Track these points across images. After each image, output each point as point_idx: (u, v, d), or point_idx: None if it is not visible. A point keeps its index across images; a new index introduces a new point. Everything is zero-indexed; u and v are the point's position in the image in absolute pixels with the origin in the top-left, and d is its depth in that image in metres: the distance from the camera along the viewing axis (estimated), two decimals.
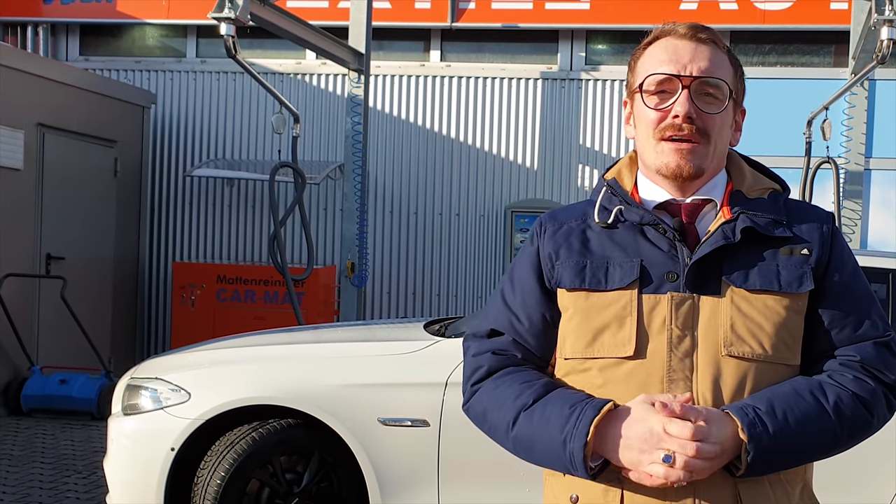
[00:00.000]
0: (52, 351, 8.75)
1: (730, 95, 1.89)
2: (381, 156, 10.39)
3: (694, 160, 1.86)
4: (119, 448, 4.77)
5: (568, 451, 1.77)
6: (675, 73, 1.87)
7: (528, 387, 1.87)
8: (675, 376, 1.81)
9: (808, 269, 1.86)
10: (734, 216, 1.88)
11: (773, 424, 1.74)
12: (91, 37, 11.06)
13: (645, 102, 1.89)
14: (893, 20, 6.99)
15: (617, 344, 1.84)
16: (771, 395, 1.79)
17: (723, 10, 9.88)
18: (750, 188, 1.94)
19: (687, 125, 1.85)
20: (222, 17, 7.24)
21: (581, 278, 1.89)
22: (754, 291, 1.83)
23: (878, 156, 9.66)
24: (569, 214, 2.00)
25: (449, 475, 4.48)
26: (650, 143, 1.89)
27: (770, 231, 1.88)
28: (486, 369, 1.96)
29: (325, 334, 5.86)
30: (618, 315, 1.85)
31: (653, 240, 1.88)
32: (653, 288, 1.84)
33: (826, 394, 1.81)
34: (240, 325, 8.09)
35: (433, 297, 10.40)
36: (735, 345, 1.81)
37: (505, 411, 1.89)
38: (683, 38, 1.91)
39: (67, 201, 9.09)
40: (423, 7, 10.27)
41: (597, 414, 1.75)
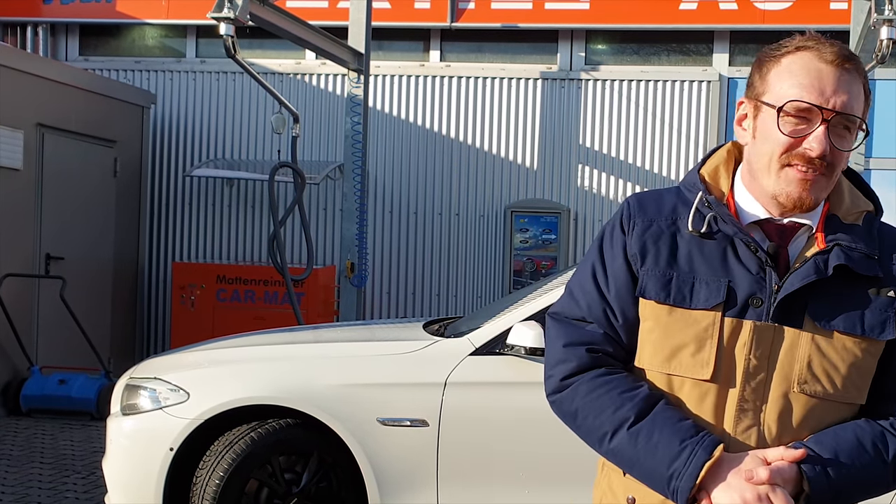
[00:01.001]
0: (51, 351, 8.75)
1: (861, 130, 1.84)
2: (380, 156, 10.39)
3: (815, 192, 1.82)
4: (118, 448, 4.77)
5: (673, 486, 1.77)
6: (817, 104, 1.78)
7: (630, 399, 1.84)
8: (747, 406, 1.82)
9: (892, 314, 1.84)
10: (829, 247, 1.84)
11: (835, 475, 1.77)
12: (91, 37, 11.05)
13: (780, 127, 1.80)
14: (893, 20, 6.98)
15: (696, 365, 1.83)
16: (836, 443, 1.80)
17: (722, 10, 9.87)
18: (847, 212, 1.89)
19: (819, 161, 1.80)
20: (221, 16, 7.25)
21: (666, 292, 1.86)
22: (836, 332, 1.82)
23: (878, 156, 9.66)
24: (659, 210, 1.93)
25: (448, 475, 4.48)
26: (773, 166, 1.83)
27: (863, 269, 1.84)
28: (576, 364, 1.91)
29: (324, 334, 5.86)
30: (699, 335, 1.83)
31: (743, 258, 1.84)
32: (736, 311, 1.82)
33: (888, 447, 1.82)
34: (239, 325, 8.08)
35: (433, 297, 10.40)
36: (809, 383, 1.81)
37: (603, 420, 1.86)
38: (830, 64, 1.80)
39: (67, 201, 9.09)
40: (423, 7, 10.27)
41: (708, 458, 1.75)
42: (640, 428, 1.81)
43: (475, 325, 4.81)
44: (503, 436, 4.46)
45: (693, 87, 10.02)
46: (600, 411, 1.85)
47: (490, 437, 4.47)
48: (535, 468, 4.44)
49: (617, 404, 1.84)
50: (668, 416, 1.81)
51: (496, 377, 4.46)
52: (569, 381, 1.91)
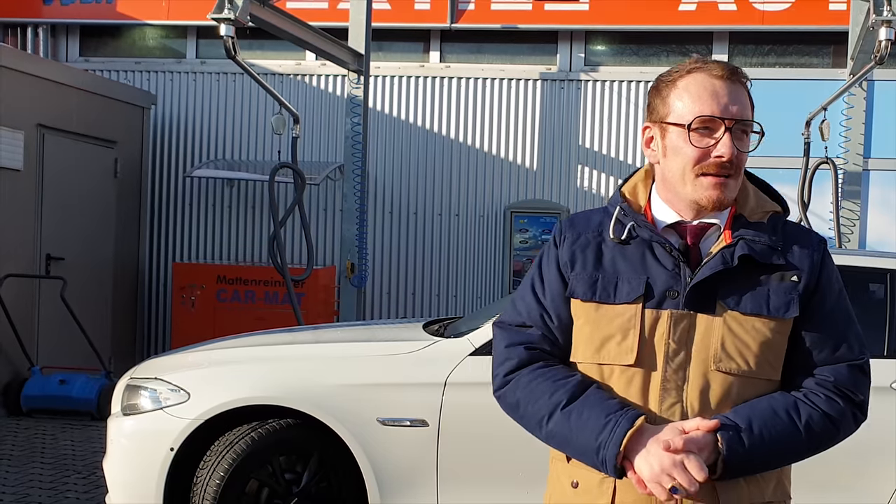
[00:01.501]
0: (51, 351, 8.76)
1: (755, 133, 2.08)
2: (380, 156, 10.40)
3: (728, 193, 2.06)
4: (118, 448, 4.78)
5: (601, 456, 1.97)
6: (719, 115, 2.03)
7: (563, 385, 2.06)
8: (669, 386, 2.03)
9: (795, 296, 2.06)
10: (734, 241, 2.06)
11: (749, 440, 1.96)
12: (91, 38, 11.06)
13: (691, 140, 2.03)
14: (892, 21, 7.00)
15: (622, 352, 2.05)
16: (750, 412, 2.00)
17: (721, 11, 9.88)
18: (752, 211, 2.12)
19: (728, 164, 2.03)
20: (222, 17, 7.25)
21: (592, 291, 2.09)
22: (745, 314, 2.04)
23: (877, 156, 9.67)
24: (587, 224, 2.18)
25: (448, 475, 4.49)
26: (687, 176, 2.06)
27: (765, 258, 2.06)
28: (517, 361, 2.15)
29: (324, 334, 5.87)
30: (622, 326, 2.06)
31: (660, 258, 2.07)
32: (655, 303, 2.05)
33: (800, 413, 2.02)
34: (240, 325, 8.09)
35: (433, 297, 10.41)
36: (724, 361, 2.02)
37: (540, 406, 2.07)
38: (721, 78, 2.05)
39: (67, 202, 9.10)
40: (423, 8, 10.28)
41: (630, 427, 1.95)
42: (573, 408, 2.03)
43: (475, 325, 4.82)
44: (503, 436, 4.46)
45: None
46: (538, 398, 2.08)
47: (490, 437, 4.48)
48: (535, 468, 4.45)
49: (552, 390, 2.07)
50: (597, 397, 2.03)
51: None
52: (511, 377, 2.15)
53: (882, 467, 4.50)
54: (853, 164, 9.60)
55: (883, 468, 4.50)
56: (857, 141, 9.58)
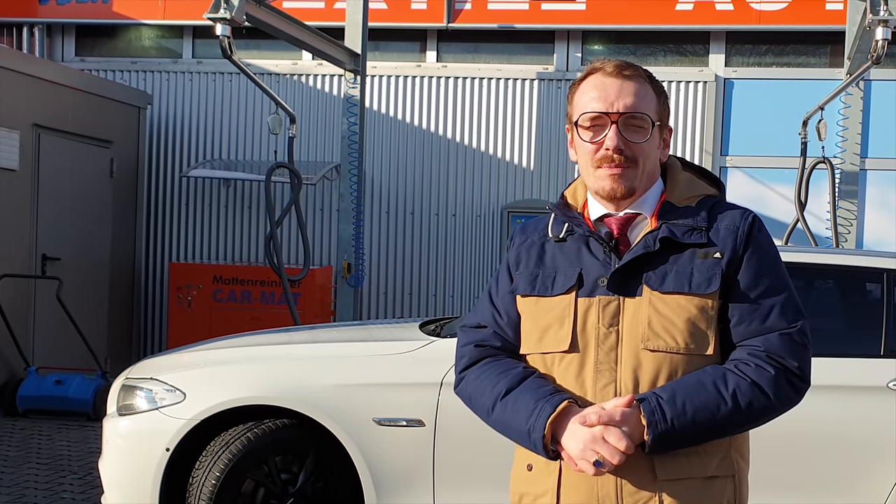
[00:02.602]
0: (47, 352, 8.75)
1: (653, 125, 2.17)
2: (377, 156, 10.39)
3: (625, 182, 2.16)
4: (114, 448, 4.76)
5: (532, 439, 2.09)
6: (603, 110, 2.15)
7: (504, 377, 2.19)
8: (602, 367, 2.12)
9: (717, 271, 2.12)
10: (658, 226, 2.16)
11: (671, 411, 2.02)
12: (87, 37, 11.04)
13: (580, 136, 2.18)
14: (888, 20, 7.00)
15: (557, 340, 2.17)
16: (676, 385, 2.07)
17: (718, 11, 9.88)
18: (680, 197, 2.22)
19: (617, 156, 2.14)
20: (218, 17, 7.25)
21: (532, 286, 2.23)
22: (668, 293, 2.12)
23: (874, 156, 9.67)
24: (535, 227, 2.33)
25: (444, 475, 4.48)
26: (588, 169, 2.20)
27: (686, 238, 2.15)
28: (468, 359, 2.30)
29: (320, 334, 5.86)
30: (559, 316, 2.17)
31: (593, 250, 2.19)
32: (586, 291, 2.16)
33: (727, 383, 2.07)
34: (236, 325, 8.08)
35: (429, 297, 10.40)
36: (651, 339, 2.10)
37: (485, 398, 2.21)
38: (610, 75, 2.17)
39: (63, 202, 9.08)
40: (420, 8, 10.27)
41: (552, 411, 2.06)
42: (510, 398, 2.16)
43: None
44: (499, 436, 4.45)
45: (689, 88, 10.03)
46: (483, 391, 2.23)
47: (486, 437, 4.46)
48: None
49: (494, 382, 2.20)
50: (532, 385, 2.15)
51: None
52: (464, 374, 2.31)
53: (879, 466, 4.49)
54: (850, 163, 9.60)
55: (880, 467, 4.49)
56: (854, 141, 9.58)
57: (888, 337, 4.67)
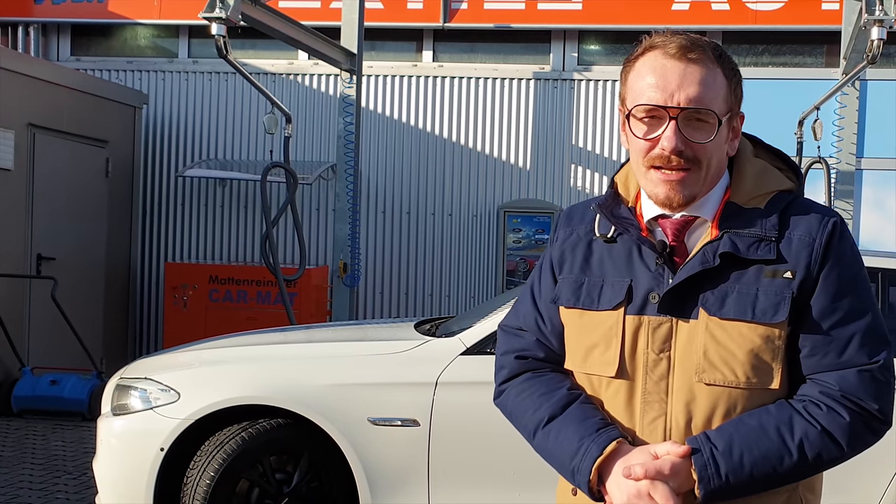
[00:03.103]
0: (42, 352, 8.73)
1: (720, 122, 1.83)
2: (373, 156, 10.38)
3: (684, 190, 1.84)
4: (108, 448, 4.75)
5: (577, 481, 1.87)
6: (661, 103, 1.81)
7: (546, 399, 1.96)
8: (651, 398, 1.86)
9: (787, 295, 1.81)
10: (720, 235, 1.84)
11: (726, 465, 1.77)
12: (82, 37, 11.03)
13: (632, 131, 1.86)
14: (884, 20, 7.00)
15: (604, 363, 1.90)
16: (734, 430, 1.80)
17: (714, 11, 9.88)
18: (748, 196, 1.89)
19: (675, 157, 1.82)
20: (213, 17, 7.22)
21: (576, 297, 1.95)
22: (728, 319, 1.82)
23: (870, 156, 9.67)
24: (581, 219, 2.03)
25: (439, 475, 4.48)
26: (640, 169, 1.88)
27: (751, 254, 1.83)
28: (508, 371, 2.08)
29: (316, 334, 5.85)
30: (605, 335, 1.90)
31: (644, 257, 1.90)
32: (636, 308, 1.88)
33: (793, 430, 1.79)
34: (232, 325, 8.06)
35: (425, 297, 10.39)
36: (707, 372, 1.82)
37: (526, 420, 2.00)
38: (673, 57, 1.82)
39: (58, 202, 9.07)
40: (416, 7, 10.26)
41: (599, 454, 1.83)
42: (551, 427, 1.93)
43: (466, 324, 4.81)
44: (494, 435, 4.45)
45: None
46: (524, 412, 2.01)
47: (481, 436, 4.46)
48: (526, 468, 4.44)
49: (535, 406, 1.98)
50: (576, 415, 1.91)
51: (487, 377, 4.38)
52: (504, 387, 2.08)
53: (873, 467, 4.49)
54: (846, 163, 9.60)
55: (874, 468, 4.49)
56: (849, 140, 9.58)
57: None
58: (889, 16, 7.00)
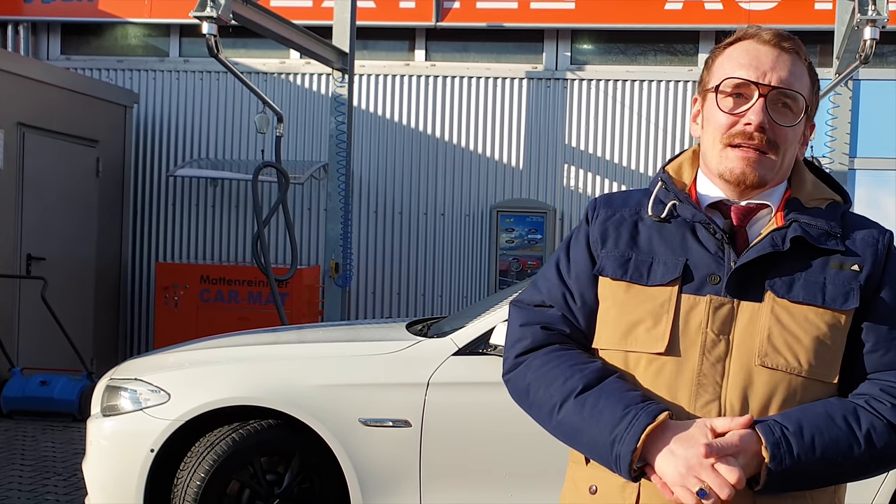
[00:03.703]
0: (32, 352, 8.68)
1: (805, 109, 1.86)
2: (365, 155, 10.35)
3: (760, 169, 1.83)
4: (98, 449, 4.73)
5: (615, 451, 1.73)
6: (753, 79, 1.82)
7: (580, 370, 1.83)
8: (705, 381, 1.78)
9: (856, 286, 1.80)
10: (787, 223, 1.84)
11: (798, 446, 1.70)
12: (73, 36, 10.98)
13: (718, 105, 1.86)
14: (876, 20, 6.99)
15: (651, 339, 1.81)
16: (801, 415, 1.74)
17: (707, 10, 9.88)
18: (808, 197, 1.90)
19: (758, 134, 1.82)
20: (204, 15, 7.20)
21: (624, 270, 1.88)
22: (796, 303, 1.79)
23: (863, 155, 9.67)
24: (624, 202, 1.98)
25: (431, 476, 4.45)
26: (716, 147, 1.87)
27: (822, 242, 1.83)
28: (530, 342, 1.92)
29: (307, 335, 5.83)
30: (654, 311, 1.83)
31: (702, 239, 1.85)
32: (693, 288, 1.82)
33: (860, 421, 1.75)
34: (223, 325, 8.03)
35: (418, 297, 10.37)
36: (770, 355, 1.77)
37: (553, 392, 1.84)
38: (767, 44, 1.85)
39: (48, 201, 9.02)
40: (408, 6, 10.23)
41: (651, 422, 1.71)
42: (588, 396, 1.79)
43: (458, 325, 4.79)
44: (486, 436, 4.43)
45: (679, 87, 10.02)
46: (550, 383, 1.85)
47: (473, 437, 4.45)
48: (519, 468, 4.42)
49: (567, 375, 1.83)
50: (616, 386, 1.80)
51: (479, 377, 4.43)
52: (523, 358, 1.92)
53: None
54: (839, 163, 9.60)
55: None
56: (842, 140, 9.58)
57: None
58: (882, 16, 7.00)
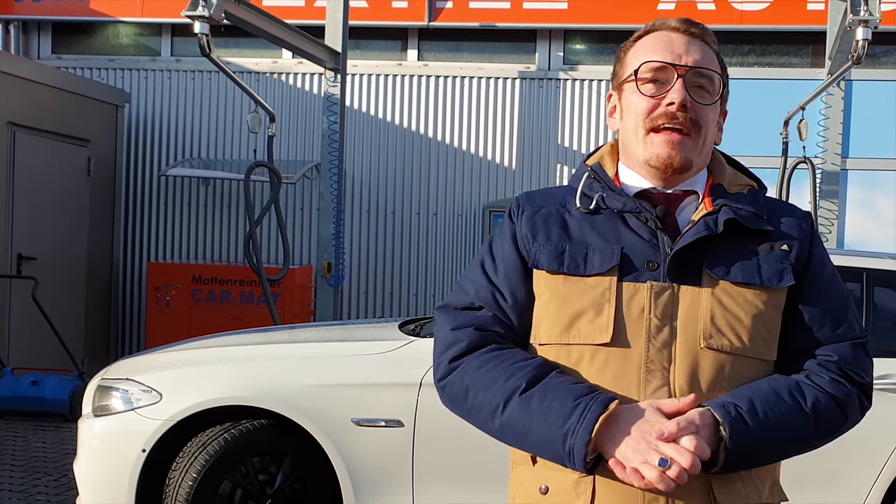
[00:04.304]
0: (23, 352, 8.64)
1: (721, 88, 1.92)
2: (357, 155, 10.34)
3: (684, 151, 1.85)
4: (89, 449, 4.71)
5: (568, 445, 1.71)
6: (671, 61, 1.87)
7: (521, 368, 1.80)
8: (653, 367, 1.79)
9: (787, 265, 1.86)
10: (716, 208, 1.87)
11: (753, 423, 1.73)
12: (64, 35, 10.95)
13: (639, 89, 1.88)
14: (868, 20, 6.99)
15: (594, 330, 1.81)
16: (751, 393, 1.77)
17: (700, 11, 9.88)
18: (730, 183, 1.94)
19: (681, 113, 1.85)
20: (196, 15, 7.16)
21: (560, 262, 1.86)
22: (736, 284, 1.82)
23: (855, 156, 9.69)
24: (548, 198, 1.97)
25: (423, 476, 4.45)
26: (639, 134, 1.88)
27: (753, 224, 1.87)
28: (465, 344, 1.87)
29: (299, 334, 5.81)
30: (596, 301, 1.82)
31: (634, 228, 1.86)
32: (633, 276, 1.82)
33: (805, 395, 1.80)
34: (215, 325, 8.01)
35: (410, 296, 10.36)
36: (714, 337, 1.79)
37: (494, 392, 1.80)
38: (677, 31, 1.92)
39: (39, 201, 8.99)
40: (401, 6, 10.22)
41: (603, 411, 1.70)
42: (533, 393, 1.77)
43: None
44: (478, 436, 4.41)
45: None
46: (491, 384, 1.81)
47: (465, 437, 4.43)
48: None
49: (508, 374, 1.80)
50: (562, 380, 1.78)
51: None
52: (458, 362, 1.87)
53: (859, 466, 4.48)
54: (831, 163, 9.62)
55: (859, 467, 4.48)
56: (834, 140, 9.60)
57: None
58: (874, 16, 7.00)
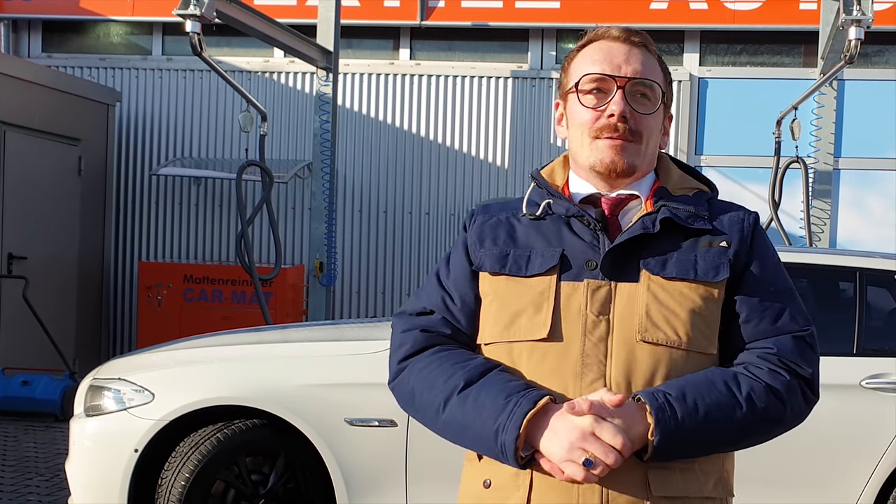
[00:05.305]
0: (14, 352, 8.61)
1: (662, 97, 1.95)
2: (349, 154, 10.32)
3: (627, 157, 1.91)
4: (81, 450, 4.69)
5: (500, 441, 1.77)
6: (609, 73, 1.91)
7: (460, 367, 1.87)
8: (589, 360, 1.83)
9: (725, 261, 1.89)
10: (656, 209, 1.92)
11: (681, 410, 1.75)
12: (54, 33, 10.90)
13: (581, 101, 1.94)
14: (861, 20, 7.01)
15: (533, 327, 1.86)
16: (684, 382, 1.80)
17: (693, 10, 9.89)
18: (676, 186, 1.99)
19: (622, 125, 1.90)
20: (187, 13, 7.14)
21: (502, 264, 1.94)
22: (670, 279, 1.87)
23: (847, 155, 9.71)
24: (502, 208, 2.06)
25: (417, 475, 4.44)
26: (584, 140, 1.94)
27: (690, 223, 1.92)
28: (411, 346, 1.96)
29: (291, 334, 5.79)
30: (535, 300, 1.88)
31: (577, 231, 1.93)
32: (572, 276, 1.88)
33: (740, 384, 1.82)
34: (207, 325, 7.98)
35: (403, 296, 10.34)
36: (650, 331, 1.83)
37: (435, 393, 1.87)
38: (617, 40, 1.95)
39: (30, 200, 8.95)
40: (393, 5, 10.21)
41: (531, 408, 1.75)
42: (470, 391, 1.83)
43: None
44: None
45: None
46: (433, 383, 1.88)
47: None
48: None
49: (449, 373, 1.87)
50: (498, 378, 1.84)
51: None
52: (405, 363, 1.95)
53: (853, 465, 4.49)
54: (823, 163, 9.63)
55: (853, 466, 4.49)
56: (827, 140, 9.62)
57: (861, 336, 4.67)
58: (866, 16, 7.01)
